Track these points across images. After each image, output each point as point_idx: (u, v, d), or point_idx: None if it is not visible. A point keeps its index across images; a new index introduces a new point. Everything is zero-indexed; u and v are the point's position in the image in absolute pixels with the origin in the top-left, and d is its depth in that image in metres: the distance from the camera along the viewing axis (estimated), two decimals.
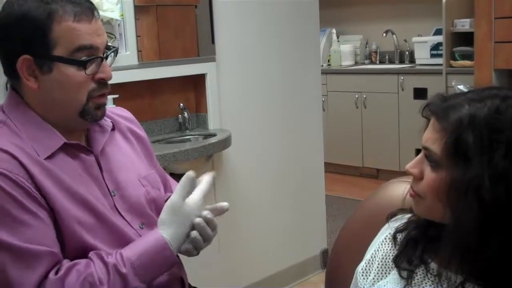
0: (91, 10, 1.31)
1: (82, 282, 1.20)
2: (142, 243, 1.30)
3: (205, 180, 1.39)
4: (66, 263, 1.23)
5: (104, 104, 1.37)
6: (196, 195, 1.35)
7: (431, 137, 1.07)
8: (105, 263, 1.24)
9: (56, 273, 1.20)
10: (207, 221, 1.37)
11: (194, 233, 1.35)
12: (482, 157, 1.00)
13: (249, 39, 3.15)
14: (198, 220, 1.35)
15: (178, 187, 1.35)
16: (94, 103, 1.33)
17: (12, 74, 1.31)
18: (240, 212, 3.17)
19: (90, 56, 1.29)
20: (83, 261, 1.24)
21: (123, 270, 1.23)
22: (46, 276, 1.19)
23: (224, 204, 1.43)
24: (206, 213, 1.37)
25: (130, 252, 1.27)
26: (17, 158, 1.23)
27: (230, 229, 3.04)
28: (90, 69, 1.30)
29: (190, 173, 1.37)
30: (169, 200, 1.35)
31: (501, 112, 1.03)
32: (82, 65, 1.28)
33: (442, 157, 1.05)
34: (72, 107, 1.32)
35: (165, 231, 1.30)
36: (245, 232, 3.22)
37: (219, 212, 1.42)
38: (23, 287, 1.17)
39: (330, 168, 5.10)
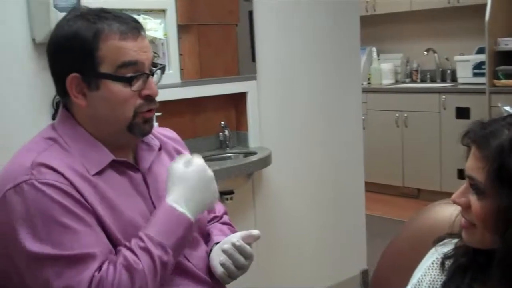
0: (137, 29, 1.33)
1: (119, 269, 1.22)
2: (152, 217, 1.32)
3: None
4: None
5: (152, 119, 1.39)
6: (197, 158, 1.38)
7: (473, 166, 1.06)
8: (128, 248, 1.26)
9: (99, 272, 1.23)
10: (239, 249, 1.38)
11: (223, 259, 1.38)
12: None
13: (290, 57, 3.16)
14: (226, 246, 1.38)
15: (179, 157, 1.39)
16: (141, 118, 1.35)
17: (63, 92, 1.35)
18: (279, 230, 3.15)
19: (136, 72, 1.31)
20: (112, 255, 1.26)
21: (142, 244, 1.26)
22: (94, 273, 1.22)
23: (255, 232, 1.44)
24: (235, 240, 1.39)
25: (145, 229, 1.29)
26: (63, 174, 1.25)
27: (269, 247, 3.03)
28: (136, 85, 1.32)
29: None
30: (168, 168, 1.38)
31: None
32: (128, 81, 1.31)
33: (487, 185, 1.03)
34: (119, 122, 1.34)
35: (168, 197, 1.32)
36: (284, 250, 3.20)
37: (251, 239, 1.43)
38: (81, 283, 1.19)
39: (370, 187, 5.04)
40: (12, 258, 1.24)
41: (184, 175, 1.35)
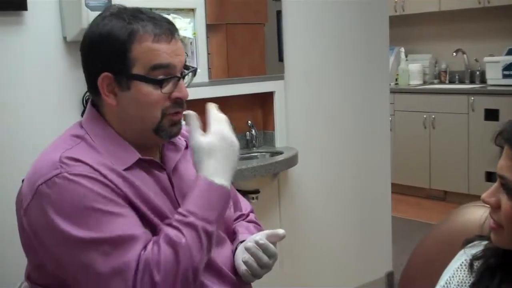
0: (171, 31, 1.33)
1: (162, 246, 1.22)
2: (190, 192, 1.30)
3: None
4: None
5: (179, 121, 1.39)
6: (215, 125, 1.36)
7: (505, 165, 1.05)
8: (169, 224, 1.26)
9: (145, 251, 1.23)
10: (262, 247, 1.37)
11: (246, 257, 1.37)
12: None
13: (318, 57, 3.15)
14: (249, 244, 1.37)
15: (191, 130, 1.35)
16: (168, 120, 1.36)
17: (93, 90, 1.36)
18: (304, 230, 3.15)
19: (167, 75, 1.32)
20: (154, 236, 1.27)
21: (185, 219, 1.25)
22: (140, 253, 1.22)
23: (281, 231, 1.43)
24: (258, 238, 1.38)
25: (185, 206, 1.28)
26: (92, 166, 1.27)
27: (294, 247, 3.03)
28: (167, 88, 1.33)
29: (191, 112, 1.37)
30: (190, 146, 1.35)
31: None
32: (159, 83, 1.31)
33: None
34: (147, 123, 1.34)
35: (200, 171, 1.31)
36: (309, 250, 3.19)
37: (275, 238, 1.42)
38: (129, 264, 1.20)
39: (396, 189, 5.01)
40: (51, 249, 1.25)
41: (209, 146, 1.32)
